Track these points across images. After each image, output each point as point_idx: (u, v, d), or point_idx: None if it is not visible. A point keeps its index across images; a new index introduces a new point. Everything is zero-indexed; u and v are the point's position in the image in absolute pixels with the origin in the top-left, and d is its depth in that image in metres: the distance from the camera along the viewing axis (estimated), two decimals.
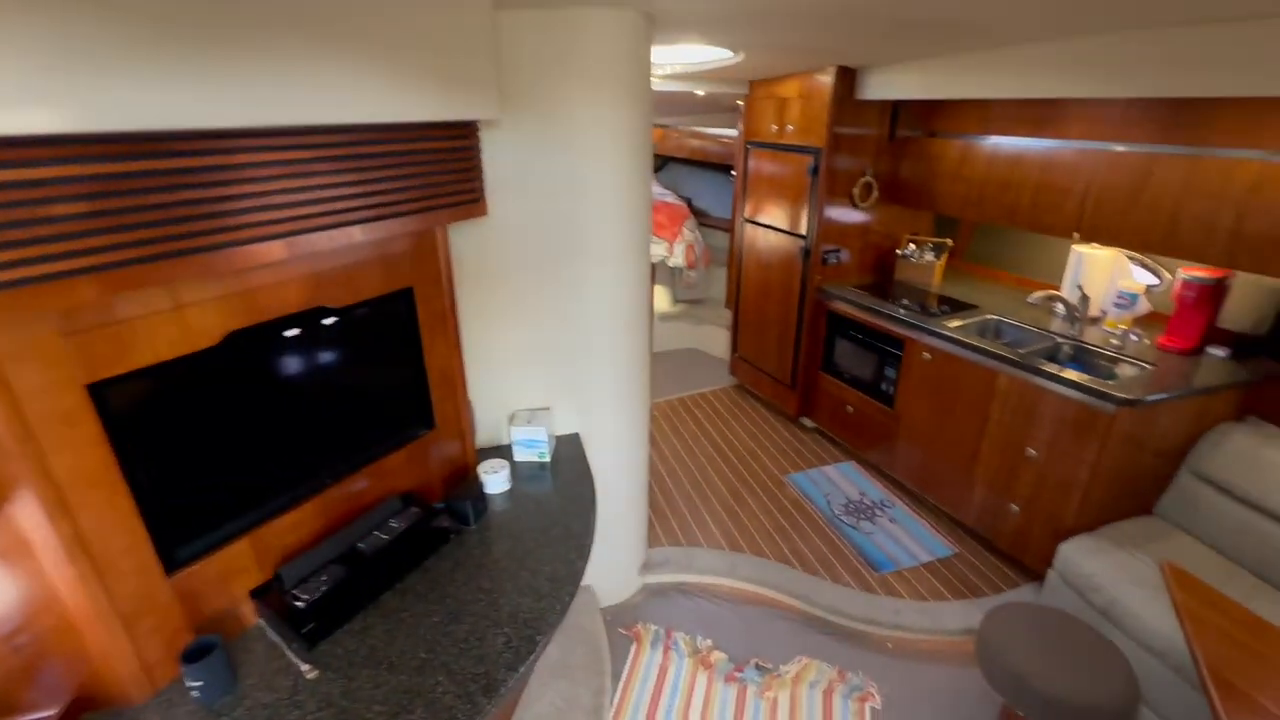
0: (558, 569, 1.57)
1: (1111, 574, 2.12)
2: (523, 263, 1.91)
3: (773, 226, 3.59)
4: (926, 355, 2.84)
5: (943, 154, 3.07)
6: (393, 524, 1.59)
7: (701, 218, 5.50)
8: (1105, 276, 2.71)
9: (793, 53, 2.75)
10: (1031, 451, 2.45)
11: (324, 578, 1.41)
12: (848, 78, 3.01)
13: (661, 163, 6.53)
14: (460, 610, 1.43)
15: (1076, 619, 1.77)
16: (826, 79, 3.00)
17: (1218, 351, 2.42)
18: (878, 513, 3.02)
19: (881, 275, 3.58)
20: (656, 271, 4.81)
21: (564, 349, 2.06)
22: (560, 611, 1.44)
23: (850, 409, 3.39)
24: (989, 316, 2.90)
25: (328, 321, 1.44)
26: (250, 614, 1.39)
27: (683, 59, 3.00)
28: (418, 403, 1.74)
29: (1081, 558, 2.22)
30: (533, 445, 2.00)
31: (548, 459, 2.02)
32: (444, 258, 1.67)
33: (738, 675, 2.23)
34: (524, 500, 1.85)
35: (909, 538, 2.85)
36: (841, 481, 3.28)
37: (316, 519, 1.50)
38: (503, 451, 2.05)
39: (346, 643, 1.33)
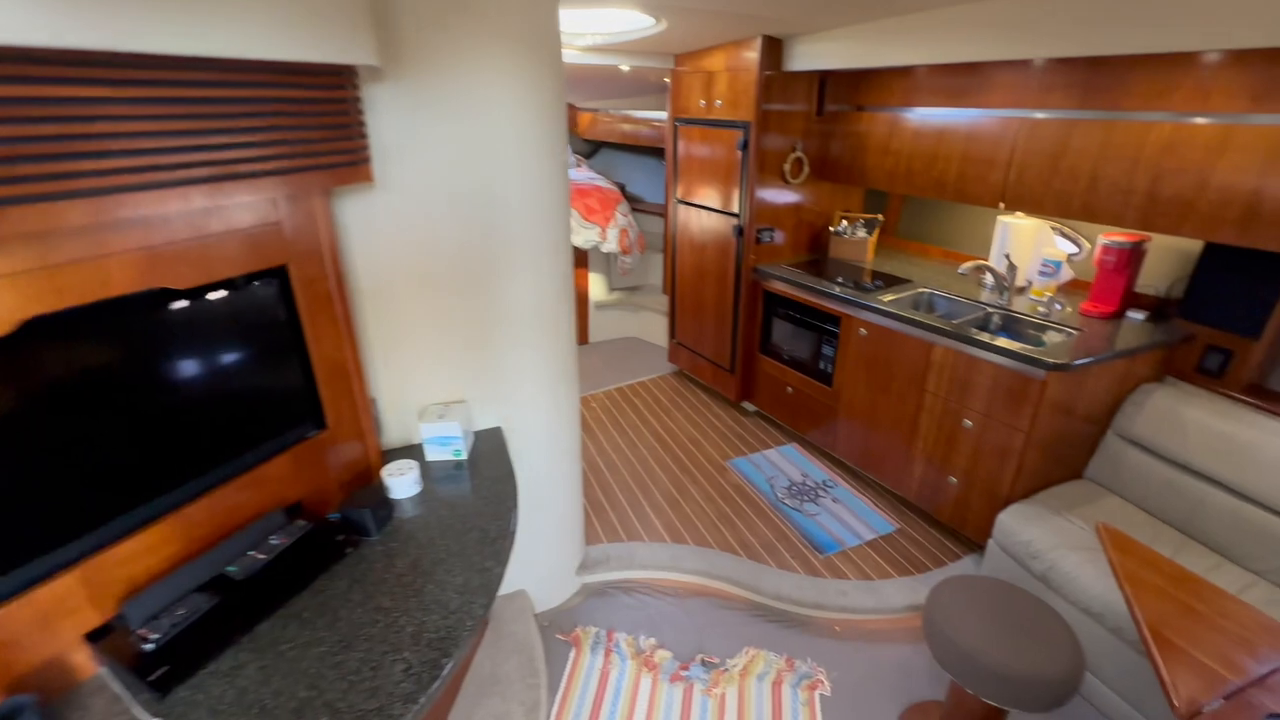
0: (470, 578, 1.39)
1: (1048, 540, 2.12)
2: (428, 241, 1.70)
3: (705, 206, 3.48)
4: (863, 331, 2.80)
5: (870, 128, 3.04)
6: (273, 541, 1.37)
7: (636, 203, 5.35)
8: (1030, 246, 2.73)
9: (716, 20, 2.63)
10: (968, 422, 2.43)
11: (182, 611, 1.19)
12: (774, 49, 2.92)
13: (594, 148, 6.34)
14: (353, 636, 1.23)
15: (1018, 589, 1.74)
16: (753, 50, 2.91)
17: (1137, 315, 2.47)
18: (821, 493, 2.97)
19: (816, 253, 3.53)
20: (591, 258, 4.64)
21: (480, 336, 1.87)
22: (472, 627, 1.26)
23: (790, 390, 3.33)
24: (922, 290, 2.89)
25: (176, 306, 1.21)
26: (88, 662, 1.15)
27: (602, 28, 2.83)
28: (304, 400, 1.52)
29: (1019, 525, 2.21)
30: (446, 442, 1.80)
31: (464, 456, 1.82)
32: (327, 232, 1.45)
33: (683, 674, 2.11)
34: (437, 504, 1.66)
35: (852, 517, 2.81)
36: (784, 464, 3.21)
37: (173, 542, 1.26)
38: (417, 451, 1.84)
39: (211, 687, 1.11)
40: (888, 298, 2.78)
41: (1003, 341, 2.30)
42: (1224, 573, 1.99)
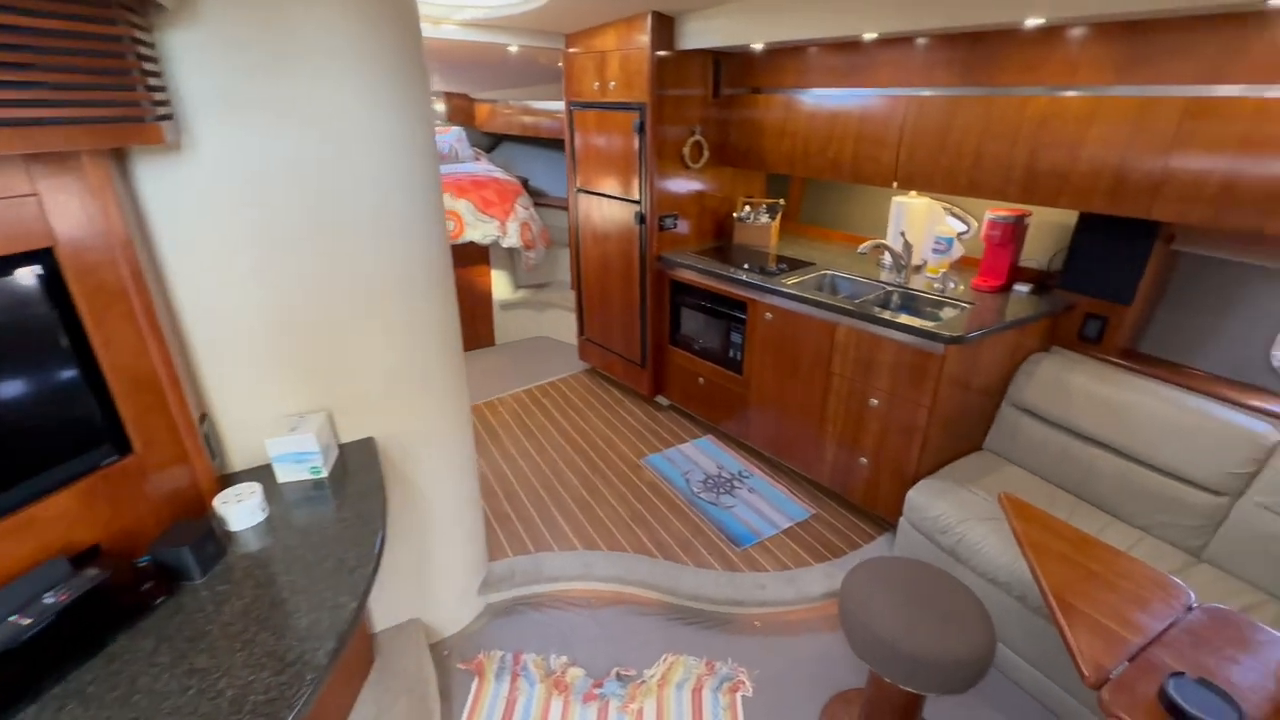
0: (319, 618, 1.15)
1: (955, 513, 2.12)
2: (262, 221, 1.44)
3: (606, 195, 3.33)
4: (769, 315, 2.74)
5: (767, 111, 2.99)
6: (48, 599, 1.07)
7: (540, 198, 5.13)
8: (923, 225, 2.77)
9: None
10: (874, 401, 2.41)
11: None
12: (665, 27, 2.81)
13: (494, 142, 6.07)
14: (153, 711, 0.97)
15: (927, 566, 1.70)
16: (643, 29, 2.78)
17: (1023, 288, 2.55)
18: (736, 485, 2.89)
19: (721, 240, 3.47)
20: (493, 255, 4.38)
21: (339, 336, 1.62)
22: (314, 680, 1.03)
23: (702, 381, 3.24)
24: (825, 272, 2.87)
25: None
26: None
27: (482, 1, 2.62)
28: (96, 420, 1.23)
29: (927, 501, 2.21)
30: (301, 459, 1.54)
31: (324, 474, 1.57)
32: (114, 208, 1.17)
33: (597, 692, 1.94)
34: (287, 532, 1.40)
35: (768, 506, 2.74)
36: (699, 457, 3.12)
37: None
38: (268, 473, 1.56)
39: None
40: (791, 281, 2.74)
41: (902, 318, 2.29)
42: (1115, 531, 2.05)
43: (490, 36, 2.98)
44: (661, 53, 2.84)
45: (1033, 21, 1.93)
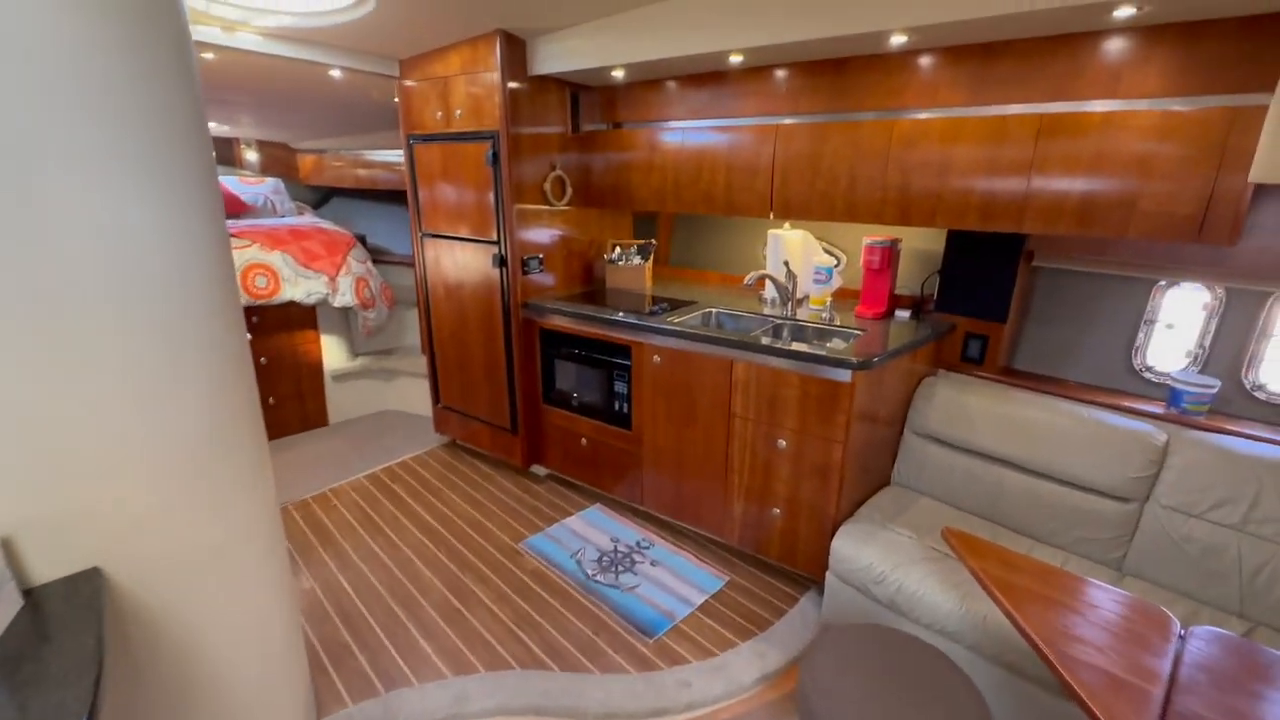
0: None
1: (886, 559, 1.89)
2: None
3: (458, 237, 2.91)
4: (657, 359, 2.44)
5: (631, 145, 2.81)
6: None
7: (382, 256, 4.55)
8: (800, 256, 2.69)
9: (436, 3, 2.16)
10: (782, 443, 2.17)
11: None
12: (516, 50, 2.54)
13: (322, 196, 5.38)
14: None
15: (893, 632, 1.41)
16: (492, 50, 2.49)
17: (903, 314, 2.51)
18: (637, 559, 2.47)
19: (591, 284, 3.17)
20: (322, 317, 3.69)
21: (44, 410, 1.01)
22: None
23: (585, 441, 2.83)
24: (709, 309, 2.66)
25: None
26: None
27: (287, 5, 2.17)
28: None
29: (854, 550, 1.96)
30: None
31: None
32: None
33: None
34: None
35: (676, 579, 2.35)
36: (590, 532, 2.66)
37: None
38: None
39: None
40: (676, 319, 2.48)
41: (803, 347, 2.10)
42: (1040, 554, 1.94)
43: (304, 53, 2.50)
44: (514, 84, 2.55)
45: (896, 40, 1.91)
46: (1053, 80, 1.86)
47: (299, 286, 3.28)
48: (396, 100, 2.96)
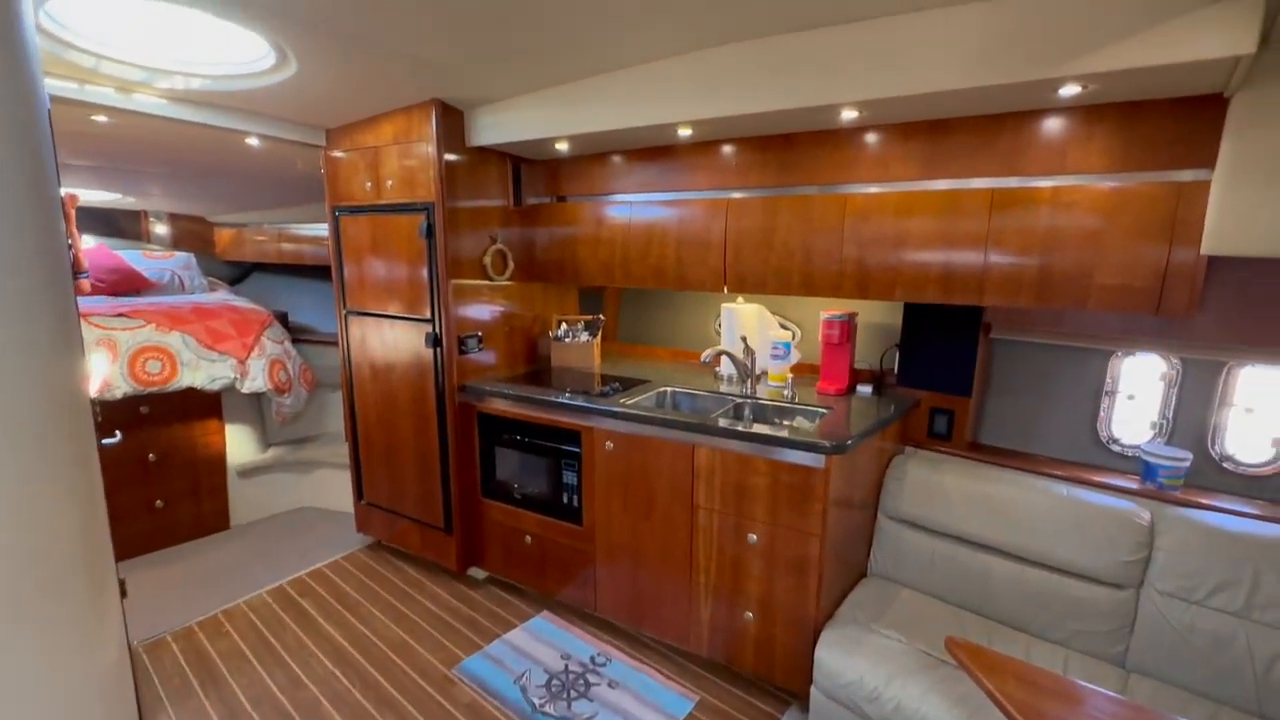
0: None
1: (878, 671, 1.66)
2: None
3: (388, 315, 2.65)
4: (609, 445, 2.21)
5: (577, 219, 2.69)
6: None
7: (305, 335, 4.20)
8: (756, 331, 2.58)
9: (364, 64, 2.01)
10: (753, 537, 1.95)
11: None
12: (454, 121, 2.42)
13: (241, 272, 5.01)
14: None
15: None
16: (428, 120, 2.36)
17: (865, 389, 2.41)
18: (592, 679, 2.13)
19: (535, 363, 2.95)
20: (227, 404, 3.28)
21: None
22: None
23: (530, 539, 2.52)
24: (664, 389, 2.48)
25: None
26: None
27: (198, 63, 1.97)
28: None
29: (840, 661, 1.73)
30: None
31: None
32: None
33: None
34: None
35: (639, 703, 2.02)
36: (536, 648, 2.31)
37: None
38: None
39: None
40: (630, 400, 2.28)
41: (771, 430, 1.94)
42: (1039, 652, 1.76)
43: (216, 118, 2.28)
44: (452, 156, 2.41)
45: (847, 115, 1.89)
46: (1001, 156, 1.86)
47: (200, 371, 2.90)
48: (323, 171, 2.76)
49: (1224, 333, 1.82)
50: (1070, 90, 1.59)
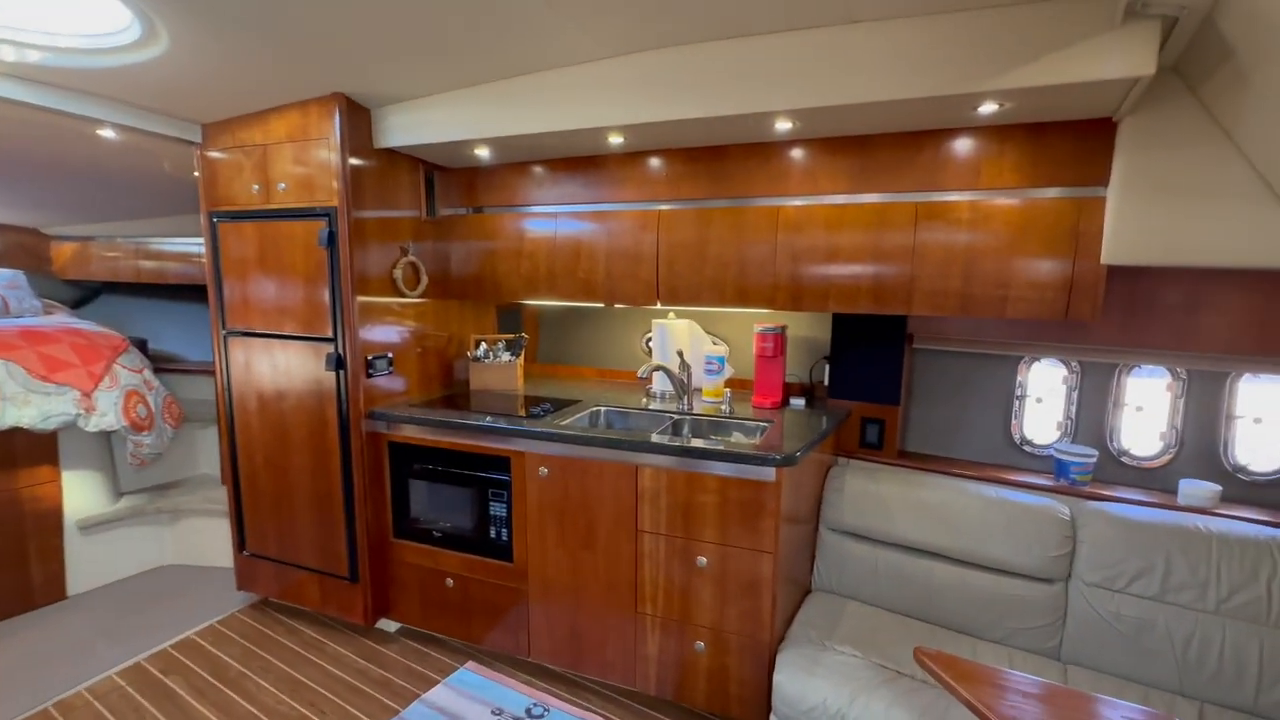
0: None
1: (839, 692, 1.60)
2: None
3: (279, 335, 2.33)
4: (543, 470, 2.04)
5: (497, 232, 2.53)
6: None
7: (167, 364, 3.65)
8: (688, 346, 2.52)
9: (254, 46, 1.77)
10: (702, 560, 1.85)
11: None
12: (360, 121, 2.19)
13: (88, 293, 4.31)
14: None
15: None
16: (328, 117, 2.11)
17: (798, 402, 2.41)
18: None
19: (452, 386, 2.71)
20: (67, 446, 2.73)
21: None
22: None
23: (451, 582, 2.26)
24: (596, 408, 2.34)
25: None
26: None
27: (35, 28, 1.64)
28: None
29: (800, 686, 1.65)
30: None
31: None
32: None
33: None
34: None
35: None
36: (462, 704, 2.03)
37: None
38: None
39: None
40: (563, 421, 2.13)
41: (718, 444, 1.86)
42: (985, 652, 1.78)
43: (59, 101, 1.91)
44: (357, 159, 2.18)
45: (781, 125, 1.90)
46: (923, 172, 1.94)
47: (30, 406, 2.39)
48: (197, 175, 2.40)
49: (1118, 335, 1.98)
50: (988, 108, 1.68)
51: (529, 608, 2.13)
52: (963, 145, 1.88)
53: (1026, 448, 2.21)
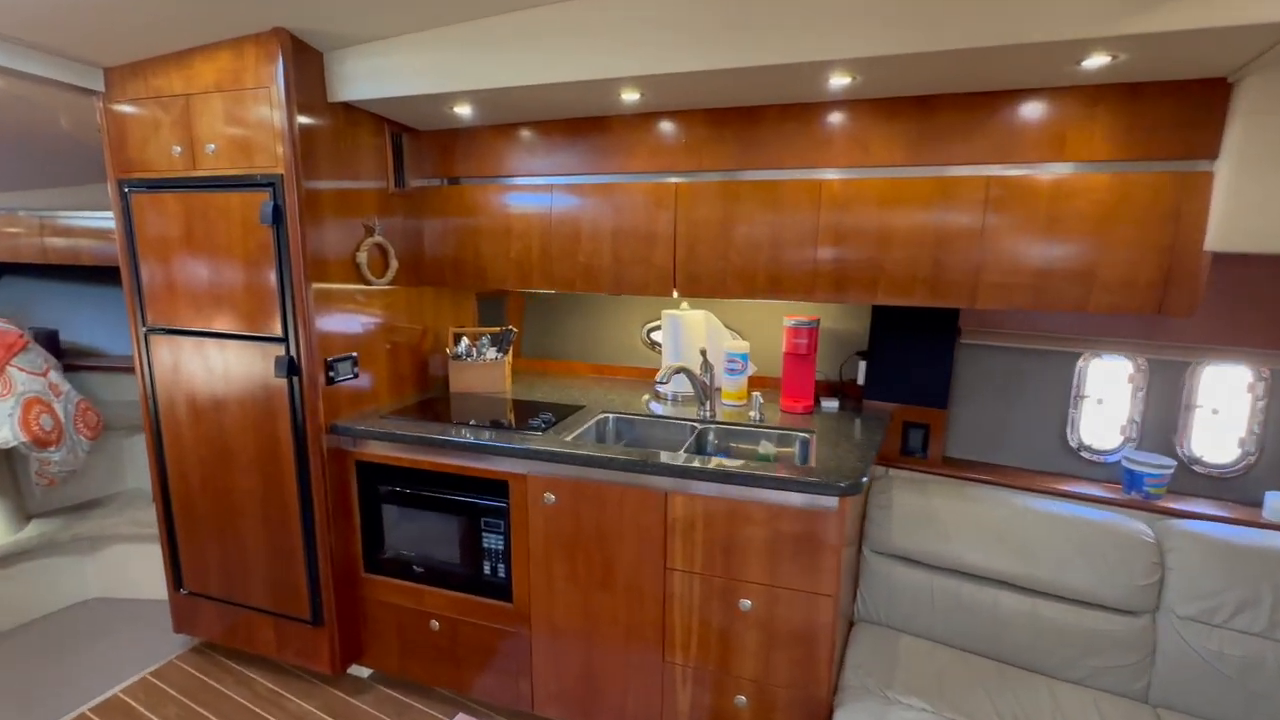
0: None
1: None
2: None
3: (214, 333, 1.91)
4: (550, 497, 1.70)
5: (479, 207, 2.14)
6: None
7: (86, 360, 3.16)
8: (703, 342, 2.20)
9: None
10: (746, 603, 1.56)
11: None
12: (309, 63, 1.76)
13: None
14: None
15: None
16: (268, 58, 1.68)
17: (830, 404, 2.13)
18: None
19: (427, 389, 2.34)
20: None
21: None
22: None
23: (437, 624, 1.92)
24: (604, 415, 2.02)
25: None
26: None
27: None
28: None
29: None
30: None
31: None
32: None
33: None
34: None
35: None
36: None
37: None
38: None
39: None
40: (571, 435, 1.79)
41: (767, 466, 1.56)
42: (1065, 696, 1.55)
43: None
44: (308, 117, 1.75)
45: (837, 81, 1.57)
46: (995, 140, 1.64)
47: None
48: (100, 128, 1.93)
49: (1206, 331, 1.76)
50: (1097, 61, 1.38)
51: (532, 654, 1.81)
52: (1045, 109, 1.59)
53: (1084, 454, 1.99)
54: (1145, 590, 1.59)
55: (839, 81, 1.57)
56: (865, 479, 1.48)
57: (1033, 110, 1.60)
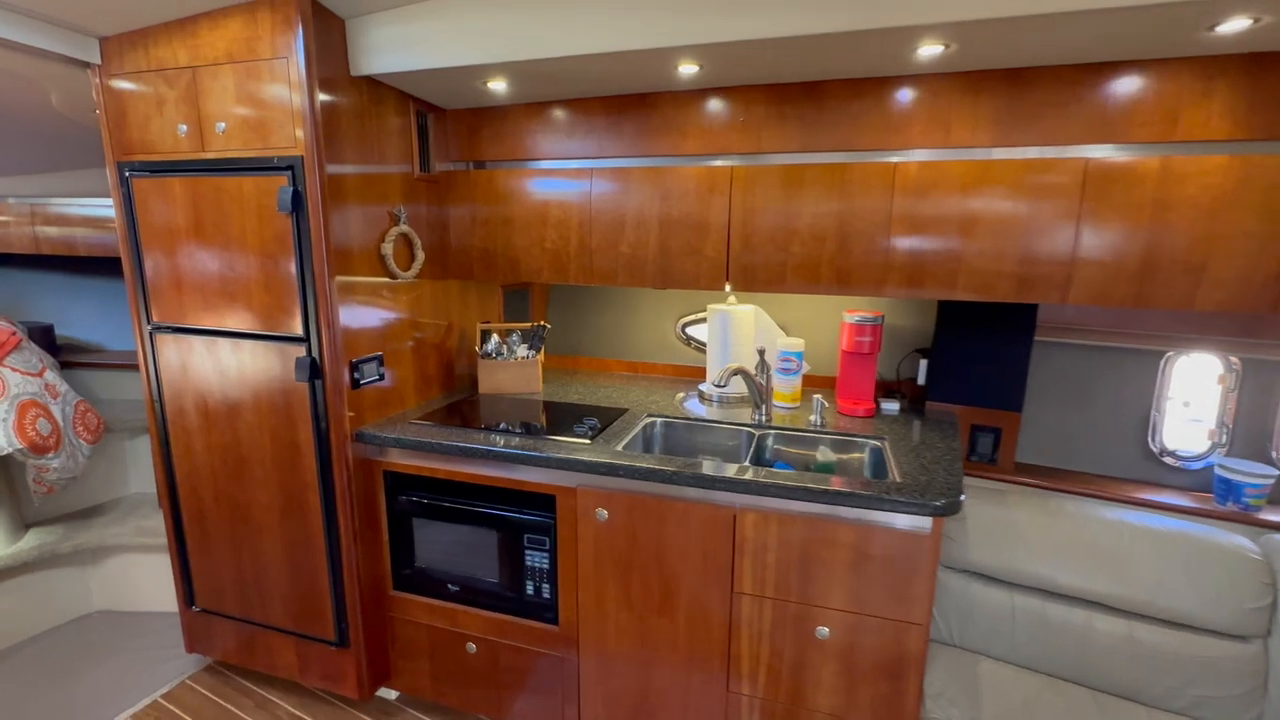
0: None
1: None
2: None
3: (228, 333, 1.74)
4: (602, 513, 1.55)
5: (512, 193, 1.97)
6: None
7: (85, 357, 2.99)
8: (752, 339, 2.05)
9: None
10: (824, 630, 1.42)
11: None
12: (330, 30, 1.58)
13: None
14: None
15: None
16: (286, 25, 1.50)
17: (891, 406, 1.98)
18: None
19: (454, 391, 2.18)
20: None
21: None
22: None
23: (474, 646, 1.78)
24: (651, 419, 1.87)
25: None
26: None
27: None
28: None
29: None
30: None
31: None
32: None
33: None
34: None
35: None
36: None
37: None
38: None
39: None
40: (620, 444, 1.64)
41: (863, 484, 1.41)
42: None
43: None
44: (329, 93, 1.57)
45: (928, 50, 1.40)
46: (1093, 118, 1.48)
47: None
48: (98, 112, 1.75)
49: None
50: (1236, 25, 1.22)
51: (580, 679, 1.67)
52: (1154, 82, 1.43)
53: (1168, 459, 1.85)
54: (1256, 614, 1.45)
55: (929, 51, 1.40)
56: (963, 497, 1.33)
57: (1140, 84, 1.44)
